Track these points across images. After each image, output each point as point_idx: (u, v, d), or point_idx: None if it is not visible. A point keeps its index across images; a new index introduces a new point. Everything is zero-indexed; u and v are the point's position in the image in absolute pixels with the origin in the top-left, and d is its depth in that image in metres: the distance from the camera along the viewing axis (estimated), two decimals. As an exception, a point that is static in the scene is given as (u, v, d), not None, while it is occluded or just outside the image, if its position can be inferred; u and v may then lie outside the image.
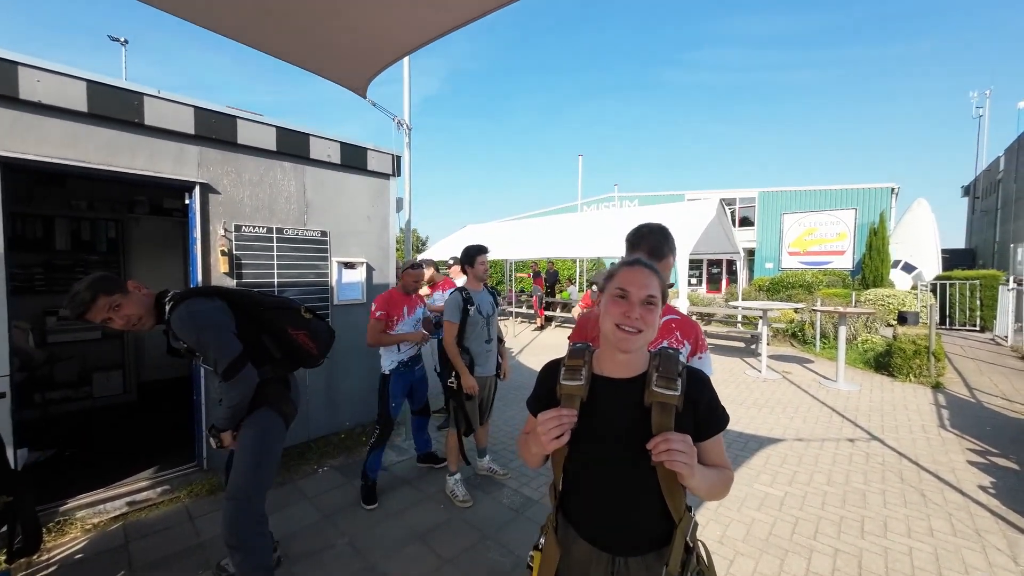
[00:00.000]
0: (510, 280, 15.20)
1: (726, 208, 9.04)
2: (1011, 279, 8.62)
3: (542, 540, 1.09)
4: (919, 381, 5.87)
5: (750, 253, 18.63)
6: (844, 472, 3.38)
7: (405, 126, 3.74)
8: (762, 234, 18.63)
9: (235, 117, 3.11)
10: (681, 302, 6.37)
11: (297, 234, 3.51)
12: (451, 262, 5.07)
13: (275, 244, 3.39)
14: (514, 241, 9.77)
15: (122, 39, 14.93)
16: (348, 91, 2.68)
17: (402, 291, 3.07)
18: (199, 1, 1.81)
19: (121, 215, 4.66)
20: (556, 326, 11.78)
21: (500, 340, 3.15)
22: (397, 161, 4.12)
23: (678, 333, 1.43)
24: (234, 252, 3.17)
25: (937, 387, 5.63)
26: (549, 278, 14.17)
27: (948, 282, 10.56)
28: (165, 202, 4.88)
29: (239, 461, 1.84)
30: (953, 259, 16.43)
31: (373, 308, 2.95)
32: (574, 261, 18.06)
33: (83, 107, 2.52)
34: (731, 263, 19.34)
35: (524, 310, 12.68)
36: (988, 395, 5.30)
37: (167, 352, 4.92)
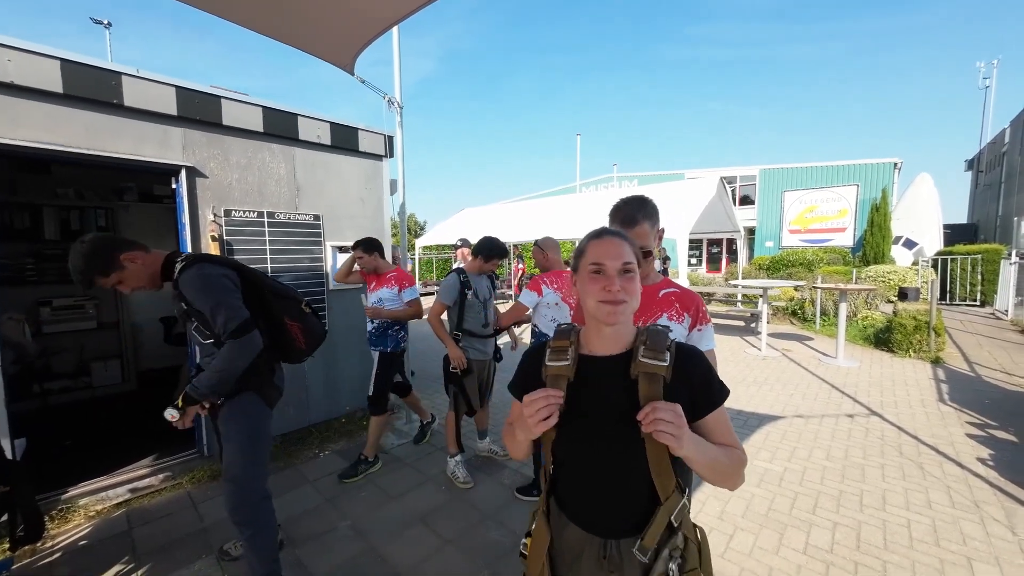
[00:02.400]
0: (510, 263, 15.13)
1: (727, 186, 8.91)
2: (1013, 252, 8.56)
3: (533, 526, 1.07)
4: (919, 356, 5.87)
5: (750, 232, 18.50)
6: (843, 447, 3.40)
7: (396, 104, 3.63)
8: (763, 212, 18.46)
9: (219, 97, 3.01)
10: (681, 282, 6.33)
11: (289, 218, 3.44)
12: (459, 243, 4.99)
13: (267, 229, 3.33)
14: (513, 223, 9.67)
15: (105, 21, 14.50)
16: (339, 78, 2.57)
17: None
18: None
19: (110, 203, 4.57)
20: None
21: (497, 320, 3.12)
22: (390, 142, 4.01)
23: (677, 305, 1.43)
24: (225, 238, 3.11)
25: (937, 362, 5.64)
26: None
27: (949, 257, 10.50)
28: (155, 188, 4.78)
29: (229, 444, 1.82)
30: (955, 234, 16.32)
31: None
32: (573, 242, 17.95)
33: (58, 88, 2.43)
34: (731, 242, 19.23)
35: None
36: (987, 369, 5.31)
37: (165, 341, 4.85)
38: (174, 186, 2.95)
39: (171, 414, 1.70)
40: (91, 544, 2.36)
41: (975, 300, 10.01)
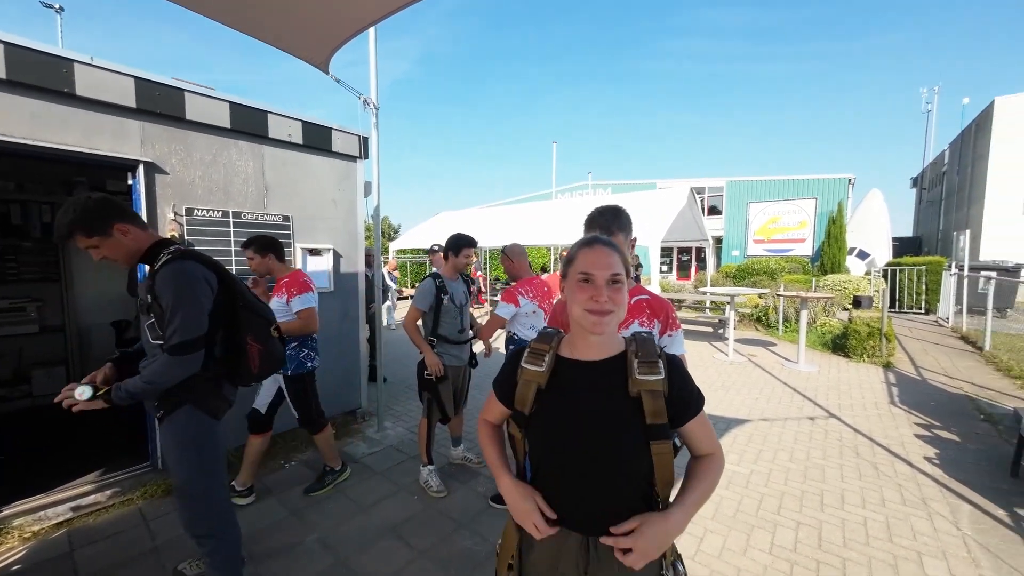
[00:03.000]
0: (485, 268, 15.08)
1: (696, 196, 9.22)
2: (953, 265, 9.24)
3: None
4: (872, 361, 6.22)
5: (718, 241, 19.21)
6: (805, 449, 3.54)
7: (372, 105, 3.56)
8: (729, 222, 19.21)
9: (183, 90, 2.87)
10: (653, 289, 6.47)
11: (257, 219, 3.31)
12: (435, 248, 4.90)
13: (232, 229, 3.18)
14: (489, 228, 9.65)
15: (56, 6, 13.60)
16: (312, 78, 2.50)
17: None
18: None
19: (58, 198, 4.26)
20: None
21: (473, 325, 3.10)
22: (364, 143, 3.93)
23: (648, 311, 1.45)
24: (186, 238, 2.95)
25: (888, 366, 5.99)
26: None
27: (898, 268, 11.23)
28: (108, 184, 4.49)
29: (172, 459, 1.71)
30: (902, 247, 17.50)
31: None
32: (548, 248, 18.11)
33: (1, 73, 2.25)
34: (700, 250, 19.88)
35: (499, 298, 12.63)
36: (932, 372, 5.69)
37: (117, 346, 4.56)
38: (130, 182, 2.79)
39: (81, 391, 1.57)
40: (25, 569, 2.16)
41: (920, 308, 10.73)
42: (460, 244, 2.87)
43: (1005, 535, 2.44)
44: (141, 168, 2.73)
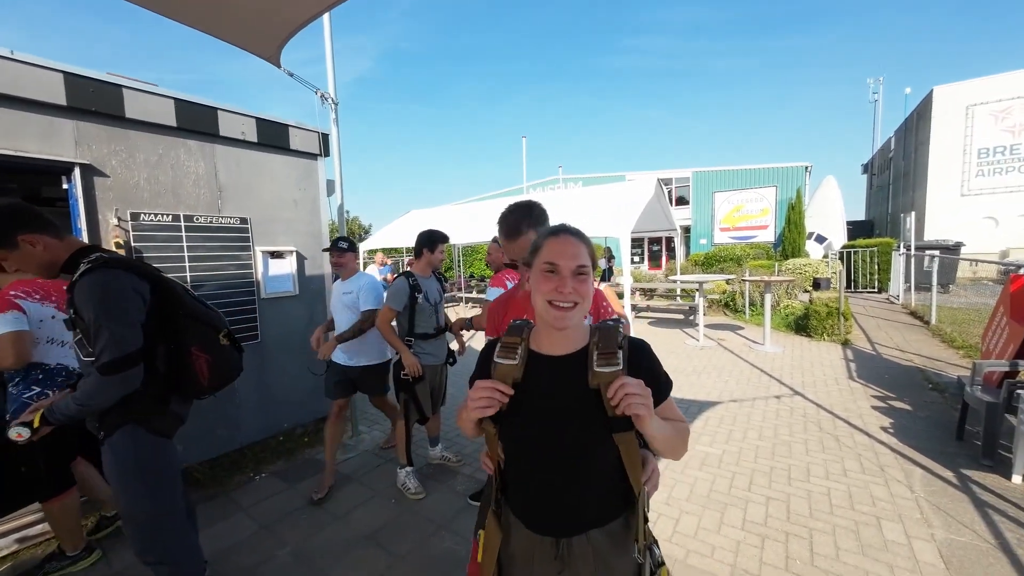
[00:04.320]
0: (459, 265, 14.96)
1: (663, 187, 9.41)
2: (901, 245, 9.81)
3: (485, 523, 1.05)
4: (832, 339, 6.54)
5: (686, 230, 19.71)
6: (772, 427, 3.69)
7: (331, 100, 3.43)
8: (696, 212, 19.76)
9: (120, 86, 2.67)
10: (625, 279, 6.57)
11: (211, 222, 3.14)
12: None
13: (184, 234, 3.01)
14: (461, 226, 9.56)
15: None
16: (266, 78, 2.38)
17: None
18: None
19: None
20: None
21: (448, 326, 3.04)
22: (324, 140, 3.79)
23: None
24: (132, 244, 2.77)
25: (846, 344, 6.31)
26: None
27: (852, 250, 11.84)
28: (44, 190, 4.17)
29: (117, 488, 1.58)
30: (855, 230, 18.47)
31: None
32: (522, 244, 18.13)
33: (-97, 69, 2.03)
34: (669, 240, 20.36)
35: (474, 295, 12.57)
36: (886, 347, 6.03)
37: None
38: (65, 186, 2.58)
39: (18, 432, 1.48)
40: (-36, 610, 1.99)
41: (874, 287, 11.36)
42: (435, 240, 2.82)
43: (953, 495, 2.62)
44: (77, 171, 2.53)
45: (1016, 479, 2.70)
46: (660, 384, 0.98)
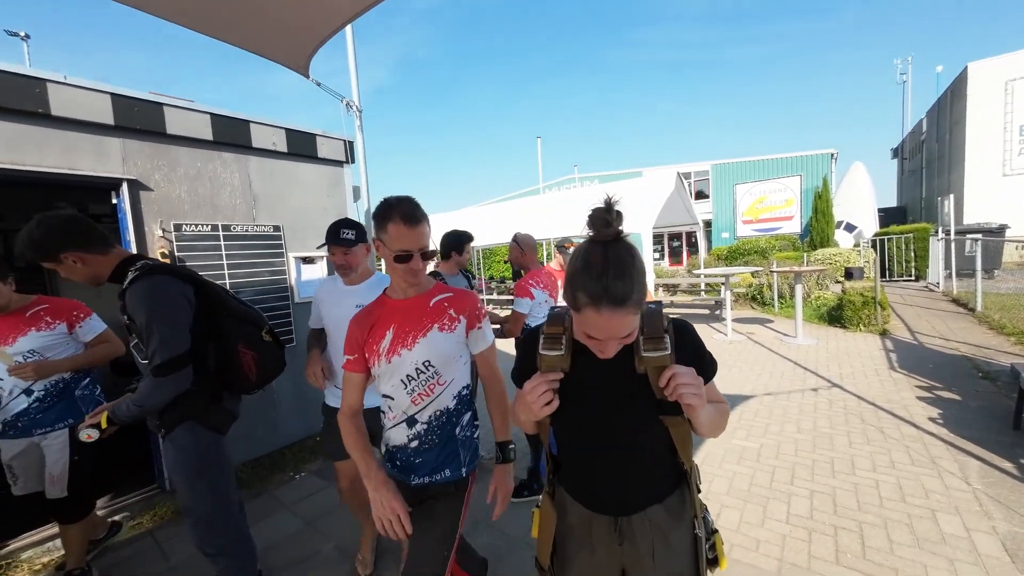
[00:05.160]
0: (479, 268, 15.06)
1: (683, 181, 9.27)
2: (939, 230, 9.37)
3: (540, 498, 1.09)
4: (868, 330, 6.30)
5: (707, 224, 19.31)
6: (811, 419, 3.57)
7: (355, 108, 3.52)
8: (717, 205, 19.33)
9: (161, 104, 2.81)
10: (648, 277, 6.50)
11: (247, 230, 3.26)
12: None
13: (222, 243, 3.13)
14: (479, 228, 9.63)
15: (22, 33, 13.31)
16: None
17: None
18: None
19: (39, 225, 4.17)
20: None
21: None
22: (350, 147, 3.89)
23: (451, 311, 1.33)
24: (176, 254, 2.90)
25: (884, 334, 6.07)
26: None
27: (885, 237, 11.37)
28: (91, 207, 4.41)
29: (179, 483, 1.67)
30: (887, 217, 17.72)
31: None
32: (541, 242, 18.13)
33: (-29, 97, 2.19)
34: (690, 235, 19.99)
35: (495, 296, 12.62)
36: (928, 336, 5.77)
37: (112, 372, 4.48)
38: (115, 201, 2.73)
39: (88, 433, 1.58)
40: (38, 601, 2.12)
41: (911, 276, 10.88)
42: (463, 241, 2.87)
43: (1014, 486, 2.48)
44: (125, 186, 2.68)
45: (1083, 469, 2.54)
46: (705, 365, 0.97)
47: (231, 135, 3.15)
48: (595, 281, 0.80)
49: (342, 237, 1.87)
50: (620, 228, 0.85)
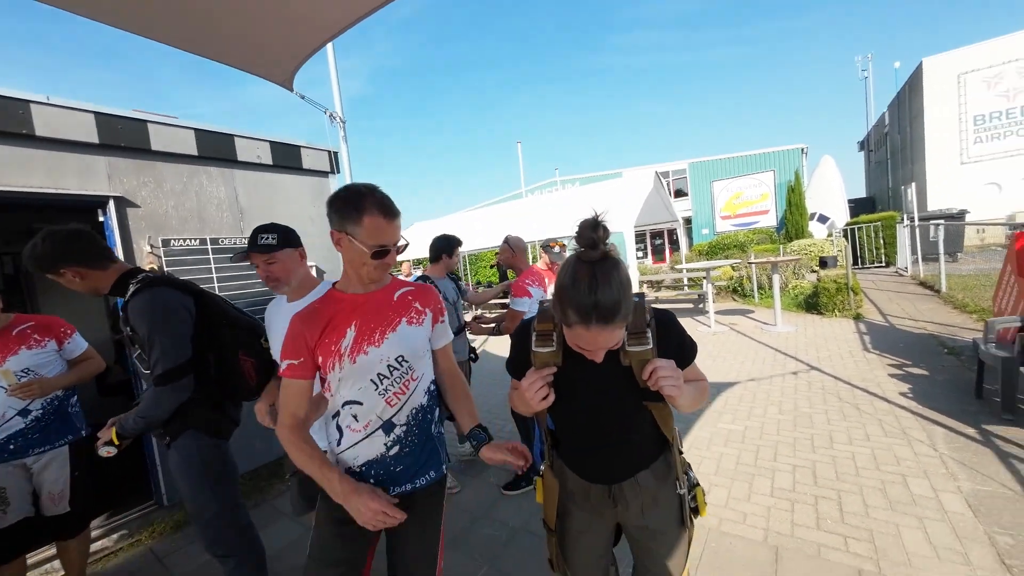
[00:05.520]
0: (466, 273, 15.11)
1: (662, 179, 9.52)
2: (904, 218, 9.82)
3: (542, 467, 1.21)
4: (843, 315, 6.57)
5: (687, 221, 19.74)
6: (792, 401, 3.74)
7: (339, 119, 3.59)
8: (696, 202, 19.80)
9: (145, 121, 2.84)
10: (632, 275, 6.67)
11: (235, 243, 3.28)
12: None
13: (211, 256, 3.15)
14: (464, 234, 9.72)
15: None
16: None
17: None
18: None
19: (18, 247, 4.10)
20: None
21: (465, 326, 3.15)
22: (334, 157, 3.95)
23: (417, 304, 1.28)
24: (165, 269, 2.91)
25: (858, 318, 6.34)
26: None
27: (856, 227, 11.85)
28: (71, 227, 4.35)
29: (186, 489, 1.71)
30: (857, 207, 18.40)
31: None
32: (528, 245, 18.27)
33: (-46, 120, 2.20)
34: (671, 232, 20.42)
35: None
36: (898, 318, 6.05)
37: (99, 393, 4.41)
38: (101, 219, 2.74)
39: (107, 450, 1.62)
40: (40, 622, 2.11)
41: (881, 262, 11.35)
42: (452, 245, 2.97)
43: (977, 449, 2.67)
44: (111, 203, 2.69)
45: (1037, 430, 2.74)
46: (686, 351, 1.07)
47: (216, 149, 3.19)
48: (584, 300, 0.85)
49: (260, 243, 1.65)
50: (606, 246, 0.90)
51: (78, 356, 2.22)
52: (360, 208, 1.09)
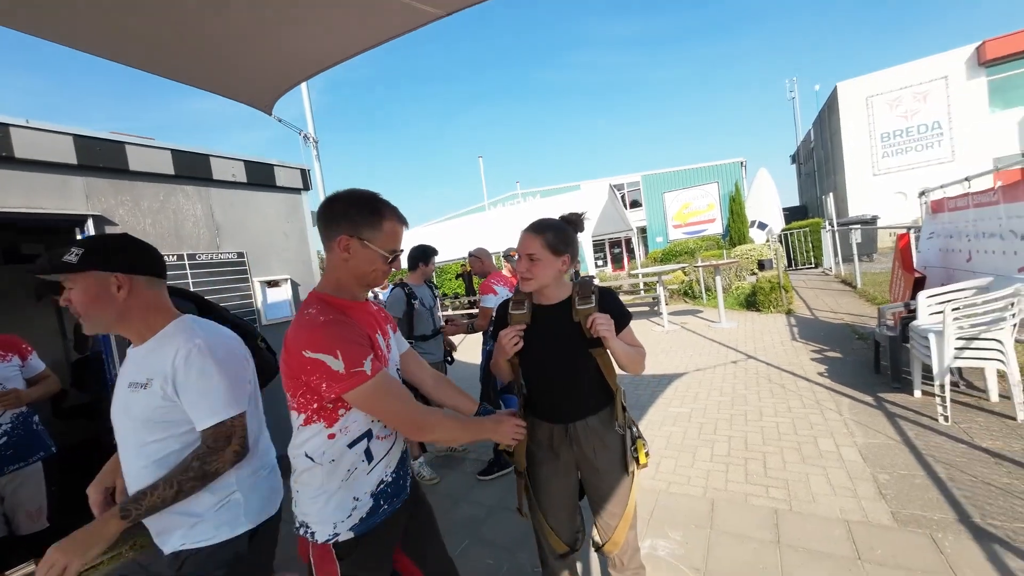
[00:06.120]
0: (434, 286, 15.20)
1: (616, 192, 10.20)
2: (826, 223, 11.03)
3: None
4: (777, 311, 7.35)
5: (642, 231, 20.88)
6: (731, 385, 4.26)
7: (312, 139, 3.79)
8: (649, 212, 21.00)
9: (123, 143, 2.94)
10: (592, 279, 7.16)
11: (211, 258, 3.39)
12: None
13: (188, 271, 3.25)
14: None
15: None
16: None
17: None
18: (87, 28, 1.76)
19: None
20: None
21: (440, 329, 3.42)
22: (307, 175, 4.12)
23: (383, 313, 1.33)
24: (143, 285, 2.99)
25: (789, 312, 7.12)
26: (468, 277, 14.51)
27: (789, 232, 13.09)
28: (23, 247, 4.24)
29: None
30: (792, 215, 20.21)
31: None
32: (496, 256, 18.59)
33: (-66, 144, 2.25)
34: (628, 241, 21.46)
35: (450, 312, 12.84)
36: (822, 311, 6.87)
37: (54, 415, 4.31)
38: (79, 237, 2.80)
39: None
40: (28, 632, 2.14)
41: (811, 263, 12.59)
42: (428, 254, 3.25)
43: (871, 412, 3.23)
44: (90, 222, 2.77)
45: (916, 394, 3.35)
46: (622, 314, 1.44)
47: (192, 169, 3.31)
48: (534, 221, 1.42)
49: (62, 260, 1.11)
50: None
51: (37, 375, 2.28)
52: (380, 213, 1.12)
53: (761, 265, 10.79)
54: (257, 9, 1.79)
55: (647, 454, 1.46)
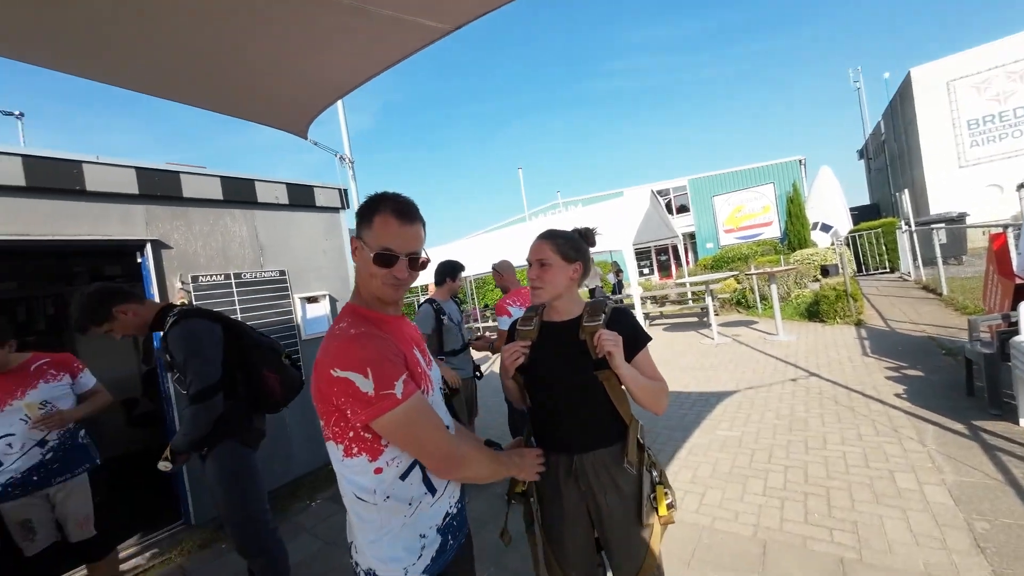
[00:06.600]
0: (473, 297, 15.37)
1: (658, 197, 9.80)
2: (903, 223, 9.91)
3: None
4: (844, 322, 6.64)
5: (691, 237, 19.94)
6: (789, 406, 3.84)
7: (348, 161, 3.93)
8: (698, 217, 20.04)
9: (178, 172, 3.19)
10: (633, 290, 6.87)
11: (255, 276, 3.58)
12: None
13: (234, 289, 3.45)
14: (470, 258, 10.03)
15: (16, 112, 13.97)
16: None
17: None
18: (129, 67, 1.87)
19: (59, 289, 4.47)
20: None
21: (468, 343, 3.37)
22: (344, 194, 4.28)
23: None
24: (194, 303, 3.20)
25: (859, 324, 6.41)
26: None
27: (857, 234, 11.92)
28: (106, 269, 4.73)
29: (220, 494, 1.91)
30: (861, 214, 18.43)
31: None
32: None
33: (21, 182, 2.54)
34: (677, 248, 20.57)
35: (491, 323, 12.87)
36: (899, 322, 6.11)
37: (128, 423, 4.68)
38: (139, 260, 3.05)
39: (164, 466, 1.84)
40: (84, 632, 2.28)
41: (885, 268, 11.35)
42: (456, 269, 3.24)
43: (963, 443, 2.76)
44: (149, 246, 3.01)
45: (1023, 423, 2.83)
46: (638, 336, 1.30)
47: (239, 193, 3.53)
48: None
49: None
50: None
51: (88, 390, 2.39)
52: (374, 208, 0.99)
53: (825, 271, 9.87)
54: (280, 41, 1.87)
55: (670, 506, 1.25)
